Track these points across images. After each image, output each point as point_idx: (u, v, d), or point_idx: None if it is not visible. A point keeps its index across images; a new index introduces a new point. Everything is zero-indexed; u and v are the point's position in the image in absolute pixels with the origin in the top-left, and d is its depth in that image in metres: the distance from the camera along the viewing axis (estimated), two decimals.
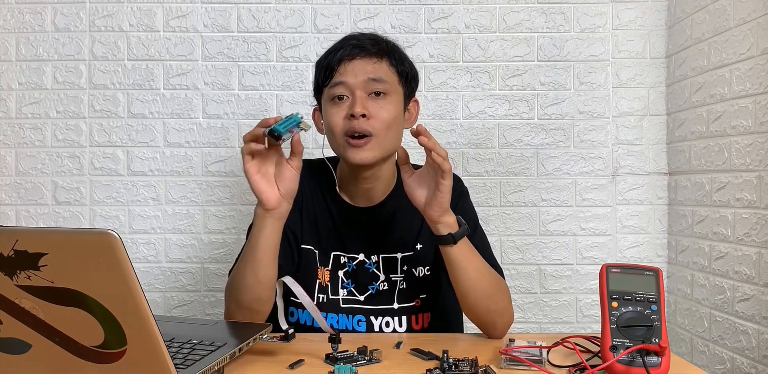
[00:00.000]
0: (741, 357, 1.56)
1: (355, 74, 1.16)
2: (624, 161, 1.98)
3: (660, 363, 0.86)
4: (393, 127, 1.18)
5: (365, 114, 1.14)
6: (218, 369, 0.86)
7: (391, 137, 1.19)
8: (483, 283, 1.11)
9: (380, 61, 1.18)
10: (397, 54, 1.22)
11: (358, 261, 1.24)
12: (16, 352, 0.73)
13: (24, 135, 1.97)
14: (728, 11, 1.63)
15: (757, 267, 1.50)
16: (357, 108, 1.13)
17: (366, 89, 1.16)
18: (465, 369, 0.89)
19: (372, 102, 1.16)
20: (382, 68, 1.18)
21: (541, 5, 1.97)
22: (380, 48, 1.19)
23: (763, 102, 1.49)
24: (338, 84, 1.16)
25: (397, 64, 1.20)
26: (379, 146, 1.17)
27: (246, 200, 1.97)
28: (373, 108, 1.15)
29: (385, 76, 1.17)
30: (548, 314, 1.99)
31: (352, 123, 1.14)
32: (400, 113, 1.21)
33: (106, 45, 1.97)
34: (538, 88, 1.98)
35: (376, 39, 1.21)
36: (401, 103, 1.22)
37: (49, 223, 1.96)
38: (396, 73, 1.20)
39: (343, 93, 1.16)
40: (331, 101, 1.18)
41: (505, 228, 1.98)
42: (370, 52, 1.18)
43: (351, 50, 1.17)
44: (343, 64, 1.17)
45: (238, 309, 1.11)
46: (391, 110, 1.17)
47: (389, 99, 1.18)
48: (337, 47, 1.20)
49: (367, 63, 1.17)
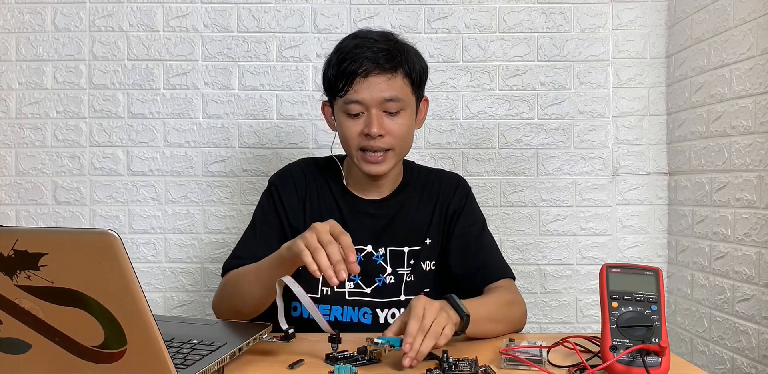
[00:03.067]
0: (741, 357, 1.56)
1: (371, 93, 1.15)
2: (624, 161, 1.98)
3: (660, 363, 0.86)
4: (408, 137, 1.22)
5: (382, 134, 1.16)
6: (218, 369, 0.85)
7: (407, 146, 1.23)
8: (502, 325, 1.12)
9: (394, 76, 1.17)
10: (410, 62, 1.20)
11: (366, 253, 1.25)
12: (16, 352, 0.73)
13: (24, 135, 1.97)
14: (728, 11, 1.63)
15: (757, 267, 1.50)
16: (374, 128, 1.15)
17: (381, 107, 1.17)
18: (465, 369, 0.89)
19: (387, 119, 1.18)
20: (396, 84, 1.17)
21: (541, 5, 1.97)
22: (395, 63, 1.17)
23: (763, 102, 1.49)
24: (354, 101, 1.16)
25: (411, 72, 1.20)
26: (396, 157, 1.21)
27: (246, 200, 1.97)
28: (389, 125, 1.17)
29: (399, 93, 1.17)
30: (548, 314, 1.99)
31: (369, 141, 1.17)
32: (413, 120, 1.24)
33: (106, 45, 1.97)
34: (538, 88, 1.98)
35: (390, 49, 1.18)
36: (414, 111, 1.23)
37: (49, 223, 1.96)
38: (410, 83, 1.20)
39: (359, 111, 1.17)
40: (345, 113, 1.19)
41: (505, 228, 1.98)
42: (385, 69, 1.16)
43: (366, 65, 1.15)
44: (358, 80, 1.16)
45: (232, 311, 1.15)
46: (406, 123, 1.20)
47: (404, 114, 1.19)
48: (350, 56, 1.17)
49: (381, 80, 1.16)
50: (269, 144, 1.97)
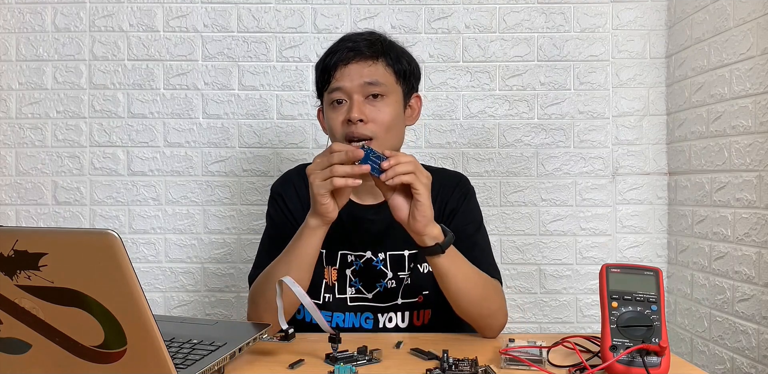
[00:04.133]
0: (741, 357, 1.56)
1: (351, 78, 1.16)
2: (624, 161, 1.98)
3: (660, 363, 0.86)
4: (393, 128, 1.19)
5: (363, 119, 1.15)
6: (218, 369, 0.86)
7: (392, 138, 1.20)
8: (473, 289, 1.11)
9: (375, 63, 1.18)
10: (393, 53, 1.21)
11: (366, 259, 1.25)
12: (16, 352, 0.73)
13: (24, 135, 1.97)
14: (728, 11, 1.63)
15: (757, 267, 1.50)
16: (354, 113, 1.14)
17: (363, 93, 1.17)
18: (465, 369, 0.89)
19: (370, 105, 1.17)
20: (378, 70, 1.18)
21: (541, 5, 1.97)
22: (375, 49, 1.19)
23: (763, 102, 1.49)
24: (336, 89, 1.17)
25: (393, 63, 1.20)
26: (380, 148, 1.17)
27: (246, 200, 1.97)
28: (370, 111, 1.16)
29: (381, 78, 1.17)
30: (548, 314, 1.99)
31: (350, 128, 1.15)
32: (400, 113, 1.22)
33: (106, 45, 1.97)
34: (538, 88, 1.98)
35: (372, 40, 1.21)
36: (400, 102, 1.22)
37: (49, 223, 1.96)
38: (393, 73, 1.20)
39: (341, 98, 1.17)
40: (331, 105, 1.19)
41: (505, 228, 1.98)
42: (365, 55, 1.18)
43: (346, 54, 1.18)
44: (339, 68, 1.17)
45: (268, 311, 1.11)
46: (390, 111, 1.18)
47: (387, 101, 1.18)
48: (333, 50, 1.20)
49: (362, 66, 1.17)
50: (269, 144, 1.97)
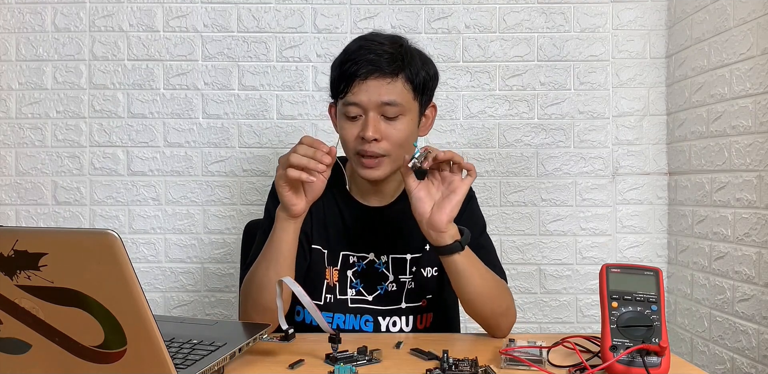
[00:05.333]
0: (741, 357, 1.56)
1: (369, 95, 1.13)
2: (624, 161, 1.98)
3: (660, 363, 0.86)
4: (406, 144, 1.17)
5: (377, 138, 1.13)
6: (218, 369, 0.85)
7: (405, 151, 1.17)
8: (488, 288, 1.11)
9: (395, 80, 1.14)
10: (413, 67, 1.17)
11: (368, 261, 1.24)
12: (16, 352, 0.73)
13: (24, 135, 1.97)
14: (728, 11, 1.63)
15: (757, 267, 1.50)
16: (369, 132, 1.12)
17: (379, 111, 1.14)
18: (465, 369, 0.89)
19: (385, 123, 1.15)
20: (396, 88, 1.14)
21: (541, 5, 1.97)
22: (396, 66, 1.15)
23: (763, 102, 1.49)
24: (351, 104, 1.15)
25: (413, 77, 1.16)
26: (392, 163, 1.17)
27: (246, 200, 1.97)
28: (386, 129, 1.14)
29: (398, 97, 1.14)
30: (548, 314, 1.99)
31: (363, 145, 1.14)
32: (415, 128, 1.20)
33: (106, 45, 1.97)
34: (538, 88, 1.98)
35: (393, 53, 1.16)
36: (416, 119, 1.20)
37: (49, 223, 1.96)
38: (411, 89, 1.17)
39: (357, 113, 1.15)
40: (344, 115, 1.17)
41: (505, 228, 1.98)
42: (385, 72, 1.14)
43: (366, 68, 1.13)
44: (357, 83, 1.14)
45: (255, 310, 1.12)
46: (405, 129, 1.16)
47: (403, 119, 1.16)
48: (352, 58, 1.15)
49: (381, 83, 1.13)
50: (269, 144, 1.97)
